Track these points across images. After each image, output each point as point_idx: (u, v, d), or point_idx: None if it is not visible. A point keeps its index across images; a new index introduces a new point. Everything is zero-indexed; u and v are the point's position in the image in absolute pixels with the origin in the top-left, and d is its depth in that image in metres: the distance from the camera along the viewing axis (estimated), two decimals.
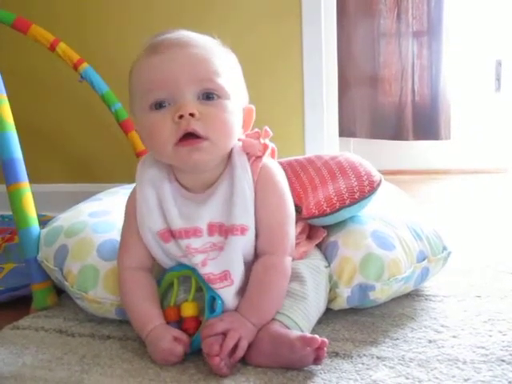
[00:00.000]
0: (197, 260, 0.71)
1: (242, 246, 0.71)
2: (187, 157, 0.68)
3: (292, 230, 0.75)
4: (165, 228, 0.73)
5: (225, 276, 0.70)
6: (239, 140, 0.75)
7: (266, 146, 0.74)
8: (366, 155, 0.96)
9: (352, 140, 2.56)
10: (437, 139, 2.44)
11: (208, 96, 0.68)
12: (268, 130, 0.75)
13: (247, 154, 0.74)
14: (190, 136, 0.67)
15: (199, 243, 0.72)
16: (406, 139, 2.48)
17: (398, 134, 2.47)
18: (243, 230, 0.70)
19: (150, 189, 0.74)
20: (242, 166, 0.72)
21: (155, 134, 0.68)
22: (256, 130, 0.76)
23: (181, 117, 0.66)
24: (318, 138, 1.52)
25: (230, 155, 0.74)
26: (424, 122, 2.44)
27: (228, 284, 0.70)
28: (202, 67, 0.68)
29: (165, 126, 0.67)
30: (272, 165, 0.76)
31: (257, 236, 0.72)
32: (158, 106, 0.68)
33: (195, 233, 0.72)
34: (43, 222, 1.00)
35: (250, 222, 0.71)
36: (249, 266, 0.72)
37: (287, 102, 1.54)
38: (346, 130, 2.41)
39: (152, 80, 0.69)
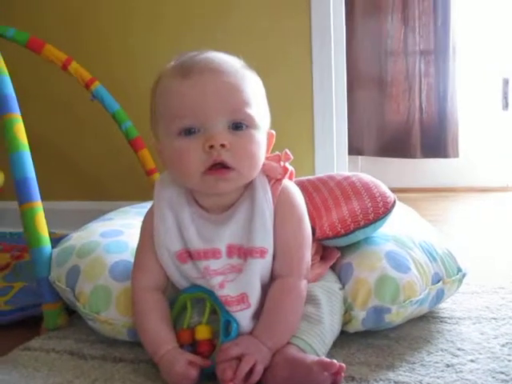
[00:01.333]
0: (215, 282, 0.70)
1: (260, 268, 0.71)
2: (214, 185, 0.69)
3: (308, 252, 0.75)
4: (182, 249, 0.73)
5: (242, 299, 0.69)
6: None
7: (286, 169, 0.75)
8: (374, 173, 0.96)
9: (360, 158, 2.56)
10: (445, 157, 2.45)
11: (237, 126, 0.69)
12: (288, 153, 0.75)
13: (267, 176, 0.74)
14: (218, 165, 0.68)
15: (218, 265, 0.71)
16: (414, 157, 2.48)
17: (405, 152, 2.48)
18: (263, 253, 0.70)
19: (167, 209, 0.74)
20: (262, 188, 0.73)
21: (183, 160, 0.68)
22: (277, 152, 0.76)
23: (211, 147, 0.66)
24: (328, 157, 1.52)
25: None
26: (432, 140, 2.45)
27: (245, 307, 0.69)
28: (233, 97, 0.68)
29: (194, 154, 0.67)
30: (292, 187, 0.76)
31: (273, 258, 0.72)
32: (188, 132, 0.68)
33: (214, 254, 0.71)
34: (54, 239, 1.00)
35: (269, 244, 0.71)
36: (265, 289, 0.71)
37: (296, 120, 1.54)
38: (353, 148, 2.42)
39: (181, 107, 0.68)
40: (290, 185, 0.76)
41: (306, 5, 1.49)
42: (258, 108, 0.71)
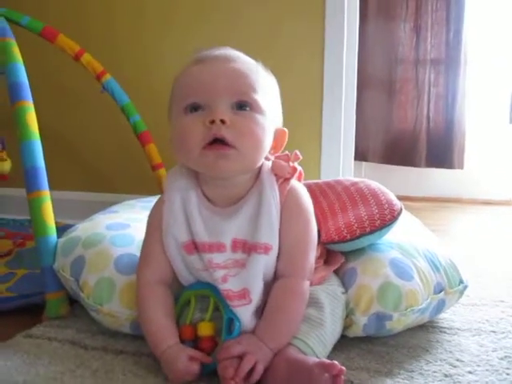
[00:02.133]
0: (217, 275, 0.71)
1: (263, 264, 0.71)
2: (213, 163, 0.69)
3: (313, 254, 0.75)
4: (189, 240, 0.74)
5: (243, 294, 0.70)
6: (269, 161, 0.76)
7: (294, 169, 0.75)
8: (377, 180, 0.96)
9: (364, 164, 2.57)
10: (450, 168, 2.45)
11: (241, 106, 0.70)
12: (298, 153, 0.76)
13: (276, 175, 0.74)
14: (218, 142, 0.68)
15: (222, 259, 0.72)
16: (419, 166, 2.48)
17: (410, 161, 2.48)
18: (267, 249, 0.71)
19: (177, 200, 0.75)
20: (270, 185, 0.73)
21: (185, 136, 0.69)
22: (286, 152, 0.77)
23: (212, 122, 0.67)
24: (335, 161, 1.53)
25: (258, 174, 0.75)
26: (438, 150, 2.45)
27: (246, 303, 0.70)
28: (239, 80, 0.70)
29: (196, 129, 0.68)
30: (300, 188, 0.76)
31: (278, 257, 0.72)
32: (193, 109, 0.70)
33: (219, 248, 0.72)
34: (57, 228, 1.00)
35: (274, 241, 0.71)
36: (268, 287, 0.72)
37: (305, 124, 1.55)
38: (358, 154, 2.41)
39: (191, 85, 0.71)
40: (298, 185, 0.76)
41: (321, 11, 1.50)
42: (266, 98, 0.72)
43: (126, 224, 0.95)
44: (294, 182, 0.76)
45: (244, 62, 0.73)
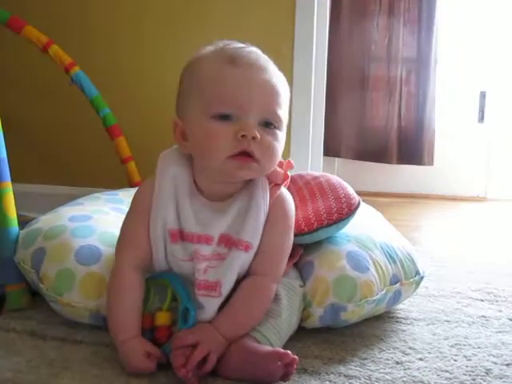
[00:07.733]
0: (200, 266, 0.73)
1: (241, 261, 0.73)
2: (235, 171, 0.71)
3: (286, 259, 0.78)
4: (176, 228, 0.74)
5: (215, 286, 0.72)
6: None
7: (286, 176, 0.78)
8: (349, 176, 0.99)
9: (336, 160, 2.59)
10: (420, 164, 2.49)
11: (267, 124, 0.72)
12: (291, 161, 0.79)
13: (268, 178, 0.77)
14: (244, 154, 0.70)
15: (207, 251, 0.73)
16: (390, 162, 2.52)
17: (382, 157, 2.52)
18: (247, 247, 0.73)
19: (169, 186, 0.75)
20: (262, 187, 0.76)
21: (213, 142, 0.70)
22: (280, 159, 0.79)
23: (243, 136, 0.69)
24: (303, 157, 1.54)
25: None
26: (408, 147, 2.49)
27: (215, 295, 0.71)
28: (271, 97, 0.72)
29: (225, 138, 0.70)
30: (287, 195, 0.79)
31: (254, 256, 0.74)
32: (223, 117, 0.71)
33: (207, 240, 0.74)
34: (23, 222, 1.00)
35: (255, 241, 0.74)
36: (237, 284, 0.74)
37: None
38: (331, 150, 2.45)
39: (225, 92, 0.71)
40: (286, 192, 0.80)
41: (291, 8, 1.51)
42: (286, 111, 0.75)
43: (88, 215, 0.94)
44: (282, 189, 0.79)
45: (274, 72, 0.75)
